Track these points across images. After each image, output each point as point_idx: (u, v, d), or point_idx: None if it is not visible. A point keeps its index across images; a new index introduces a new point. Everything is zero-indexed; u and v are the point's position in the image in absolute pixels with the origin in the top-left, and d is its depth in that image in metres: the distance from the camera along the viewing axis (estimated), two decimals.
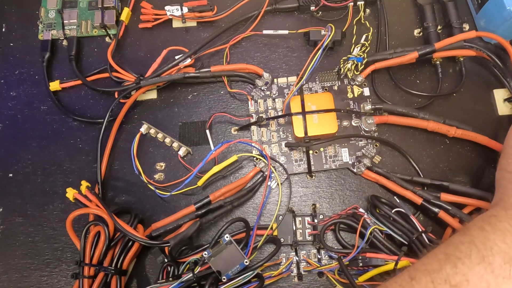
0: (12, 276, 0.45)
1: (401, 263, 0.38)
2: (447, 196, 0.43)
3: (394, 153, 0.47)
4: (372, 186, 0.46)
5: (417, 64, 0.49)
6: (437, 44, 0.47)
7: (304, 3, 0.52)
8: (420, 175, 0.46)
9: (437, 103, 0.49)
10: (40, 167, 0.49)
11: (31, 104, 0.51)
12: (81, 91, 0.51)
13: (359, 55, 0.48)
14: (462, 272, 0.29)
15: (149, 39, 0.53)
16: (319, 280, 0.43)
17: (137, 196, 0.47)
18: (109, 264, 0.41)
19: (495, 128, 0.47)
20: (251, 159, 0.47)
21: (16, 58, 0.53)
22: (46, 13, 0.54)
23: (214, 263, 0.38)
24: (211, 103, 0.50)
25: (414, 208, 0.44)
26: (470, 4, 0.52)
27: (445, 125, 0.46)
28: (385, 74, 0.50)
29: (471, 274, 0.29)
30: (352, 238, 0.44)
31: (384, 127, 0.48)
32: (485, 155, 0.47)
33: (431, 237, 0.40)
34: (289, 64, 0.51)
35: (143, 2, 0.53)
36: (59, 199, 0.47)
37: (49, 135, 0.50)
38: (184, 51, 0.49)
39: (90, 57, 0.53)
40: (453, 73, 0.50)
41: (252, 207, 0.46)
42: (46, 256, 0.45)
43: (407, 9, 0.54)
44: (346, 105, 0.48)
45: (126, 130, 0.49)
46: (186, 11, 0.51)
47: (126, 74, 0.49)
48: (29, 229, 0.46)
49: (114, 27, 0.53)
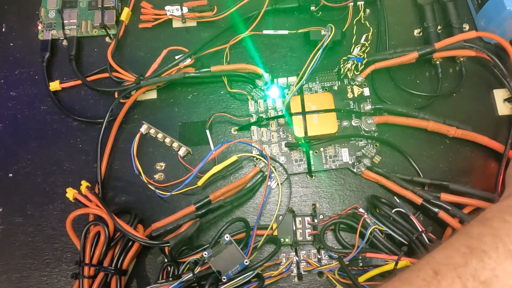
0: (12, 276, 0.45)
1: (401, 263, 0.38)
2: (447, 196, 0.43)
3: (394, 153, 0.47)
4: (372, 186, 0.46)
5: (417, 64, 0.49)
6: (437, 44, 0.47)
7: (304, 3, 0.52)
8: (420, 175, 0.46)
9: (437, 103, 0.49)
10: (40, 167, 0.49)
11: (31, 104, 0.51)
12: (81, 91, 0.52)
13: (359, 55, 0.48)
14: (490, 267, 0.28)
15: (149, 39, 0.53)
16: (319, 280, 0.43)
17: (137, 196, 0.47)
18: (109, 264, 0.41)
19: (495, 128, 0.47)
20: (251, 159, 0.47)
21: (16, 58, 0.53)
22: (46, 13, 0.54)
23: (214, 263, 0.38)
24: (211, 103, 0.50)
25: (414, 208, 0.44)
26: (470, 4, 0.52)
27: (445, 125, 0.46)
28: (385, 74, 0.50)
29: (500, 269, 0.28)
30: (352, 238, 0.44)
31: (384, 127, 0.48)
32: (485, 155, 0.47)
33: (431, 237, 0.40)
34: (289, 64, 0.51)
35: (143, 2, 0.53)
36: (59, 199, 0.47)
37: (49, 135, 0.50)
38: (184, 51, 0.49)
39: (90, 57, 0.53)
40: (453, 73, 0.50)
41: (252, 207, 0.46)
42: (46, 256, 0.45)
43: (407, 9, 0.54)
44: (346, 105, 0.48)
45: (126, 130, 0.49)
46: (186, 11, 0.52)
47: (126, 74, 0.49)
48: (29, 229, 0.46)
49: (114, 27, 0.53)
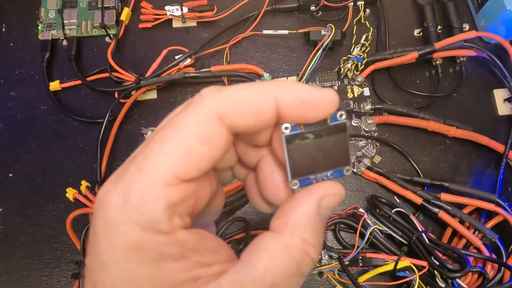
0: (12, 276, 0.45)
1: (401, 263, 0.38)
2: (447, 196, 0.43)
3: (394, 153, 0.47)
4: (372, 186, 0.46)
5: (417, 64, 0.49)
6: (437, 44, 0.47)
7: (304, 3, 0.52)
8: (420, 175, 0.46)
9: (437, 103, 0.49)
10: (40, 167, 0.49)
11: (31, 104, 0.51)
12: (81, 91, 0.51)
13: (359, 55, 0.48)
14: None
15: (149, 39, 0.53)
16: (319, 280, 0.43)
17: None
18: None
19: (495, 128, 0.47)
20: None
21: (16, 58, 0.53)
22: (46, 13, 0.54)
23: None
24: None
25: (414, 208, 0.44)
26: (470, 4, 0.52)
27: (445, 125, 0.46)
28: (385, 74, 0.50)
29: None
30: (352, 238, 0.44)
31: (384, 127, 0.48)
32: (485, 155, 0.47)
33: (431, 237, 0.40)
34: (289, 64, 0.51)
35: (143, 2, 0.53)
36: (59, 199, 0.47)
37: (49, 135, 0.50)
38: (184, 51, 0.49)
39: (90, 57, 0.53)
40: (453, 73, 0.50)
41: (252, 207, 0.46)
42: (46, 256, 0.45)
43: (407, 9, 0.54)
44: (346, 105, 0.48)
45: (126, 130, 0.49)
46: (186, 11, 0.51)
47: (126, 74, 0.49)
48: (29, 229, 0.46)
49: (114, 27, 0.53)
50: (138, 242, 0.17)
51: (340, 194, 0.20)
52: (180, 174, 0.17)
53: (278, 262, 0.18)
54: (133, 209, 0.17)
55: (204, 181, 0.19)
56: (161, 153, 0.17)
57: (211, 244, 0.19)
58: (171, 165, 0.17)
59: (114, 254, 0.17)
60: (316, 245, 0.19)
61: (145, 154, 0.18)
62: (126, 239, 0.17)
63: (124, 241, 0.17)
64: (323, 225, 0.19)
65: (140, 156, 0.18)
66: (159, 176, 0.17)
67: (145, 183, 0.17)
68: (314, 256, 0.19)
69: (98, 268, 0.17)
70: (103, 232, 0.17)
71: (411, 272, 0.39)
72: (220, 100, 0.18)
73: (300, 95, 0.18)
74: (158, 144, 0.17)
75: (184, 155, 0.17)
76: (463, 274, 0.37)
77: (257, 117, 0.18)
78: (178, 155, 0.17)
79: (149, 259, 0.17)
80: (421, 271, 0.38)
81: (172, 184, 0.17)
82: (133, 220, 0.17)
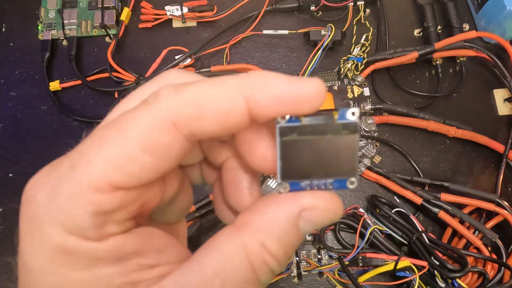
0: (12, 276, 0.45)
1: (401, 263, 0.38)
2: (447, 196, 0.43)
3: (394, 153, 0.47)
4: (372, 186, 0.46)
5: (417, 64, 0.49)
6: (437, 44, 0.47)
7: (304, 3, 0.52)
8: (420, 175, 0.46)
9: (437, 103, 0.49)
10: (40, 167, 0.48)
11: (31, 104, 0.51)
12: (81, 91, 0.51)
13: (359, 55, 0.48)
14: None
15: (149, 39, 0.53)
16: (319, 280, 0.43)
17: None
18: None
19: (495, 128, 0.47)
20: None
21: (16, 58, 0.53)
22: (46, 13, 0.54)
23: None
24: None
25: (414, 208, 0.44)
26: (470, 4, 0.52)
27: (445, 125, 0.46)
28: (385, 74, 0.50)
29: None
30: (352, 238, 0.44)
31: (384, 127, 0.48)
32: (485, 155, 0.47)
33: (431, 237, 0.40)
34: (289, 64, 0.51)
35: (143, 2, 0.53)
36: None
37: (49, 135, 0.50)
38: (184, 51, 0.49)
39: (90, 57, 0.53)
40: (453, 73, 0.50)
41: None
42: None
43: (407, 9, 0.53)
44: (346, 105, 0.48)
45: None
46: (186, 11, 0.51)
47: (126, 74, 0.49)
48: None
49: (114, 27, 0.53)
50: (65, 246, 0.15)
51: (333, 212, 0.16)
52: (115, 183, 0.15)
53: (231, 264, 0.15)
54: (60, 210, 0.15)
55: (153, 185, 0.17)
56: (96, 155, 0.15)
57: (158, 243, 0.17)
58: (105, 171, 0.14)
59: (37, 256, 0.15)
60: (279, 258, 0.16)
61: (80, 151, 0.15)
62: (50, 242, 0.15)
63: (49, 244, 0.15)
64: (296, 239, 0.16)
65: (76, 152, 0.15)
66: (89, 179, 0.14)
67: (75, 183, 0.15)
68: (275, 268, 0.16)
69: (22, 269, 0.16)
70: (25, 230, 0.15)
71: (411, 272, 0.39)
72: (178, 105, 0.15)
73: (277, 91, 0.15)
74: (95, 144, 0.15)
75: (122, 163, 0.15)
76: (463, 274, 0.37)
77: (223, 123, 0.15)
78: (114, 162, 0.15)
79: (80, 264, 0.15)
80: (421, 271, 0.38)
81: (105, 191, 0.15)
82: (59, 222, 0.15)
